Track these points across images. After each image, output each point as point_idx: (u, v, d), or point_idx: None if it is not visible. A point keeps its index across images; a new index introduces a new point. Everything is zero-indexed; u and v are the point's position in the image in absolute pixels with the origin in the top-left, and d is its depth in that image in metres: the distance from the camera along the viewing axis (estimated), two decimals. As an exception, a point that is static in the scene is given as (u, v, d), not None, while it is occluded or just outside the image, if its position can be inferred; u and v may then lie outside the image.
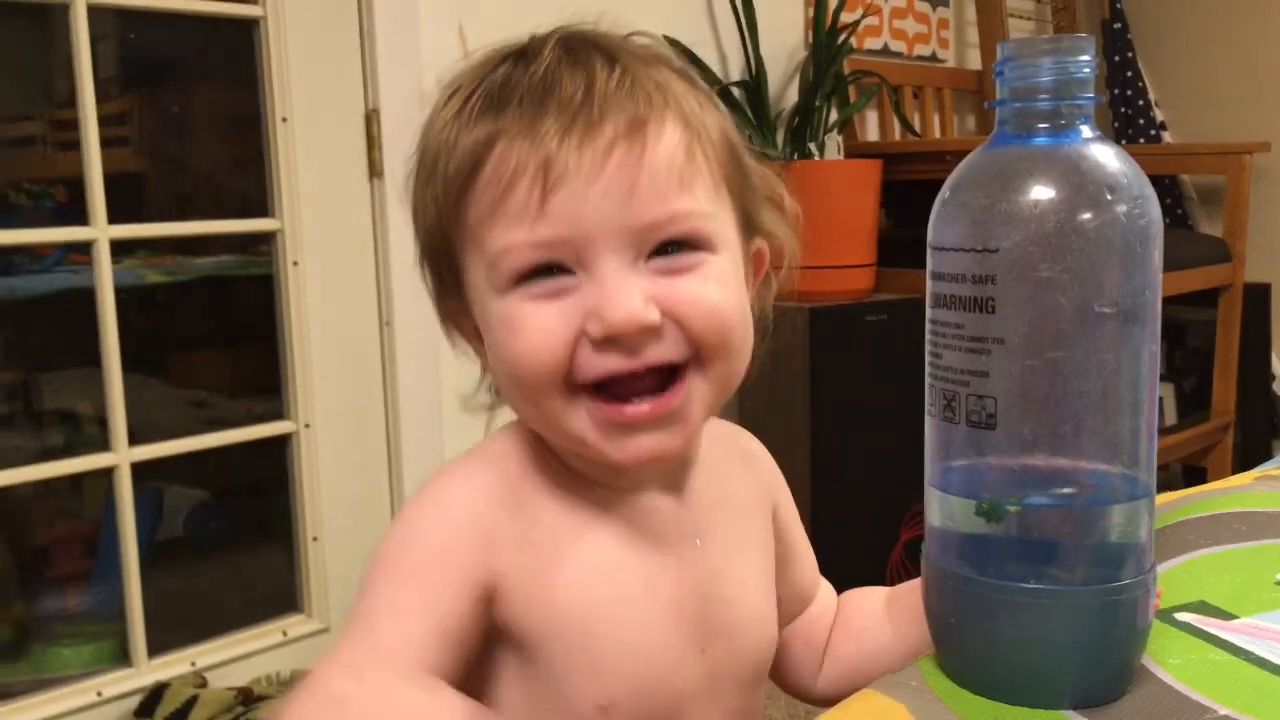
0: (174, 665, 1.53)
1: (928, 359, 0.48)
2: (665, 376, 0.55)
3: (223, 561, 2.10)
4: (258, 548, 2.10)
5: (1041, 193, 0.44)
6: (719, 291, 0.55)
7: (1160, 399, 2.17)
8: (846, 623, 0.72)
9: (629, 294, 0.52)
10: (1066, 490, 0.44)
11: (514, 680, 0.57)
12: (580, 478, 0.60)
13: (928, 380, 0.48)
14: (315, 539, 1.66)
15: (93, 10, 1.42)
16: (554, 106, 0.53)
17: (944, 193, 0.48)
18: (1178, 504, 0.72)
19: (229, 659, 1.57)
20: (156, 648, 1.54)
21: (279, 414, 1.66)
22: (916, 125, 2.44)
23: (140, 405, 1.55)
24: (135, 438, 1.52)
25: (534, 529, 0.57)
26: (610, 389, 0.54)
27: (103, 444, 1.51)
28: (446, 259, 0.59)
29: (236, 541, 2.14)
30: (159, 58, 1.99)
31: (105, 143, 1.46)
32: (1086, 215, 0.43)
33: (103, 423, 1.80)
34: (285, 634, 1.63)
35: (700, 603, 0.61)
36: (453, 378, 0.68)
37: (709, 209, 0.56)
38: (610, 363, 0.53)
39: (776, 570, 0.69)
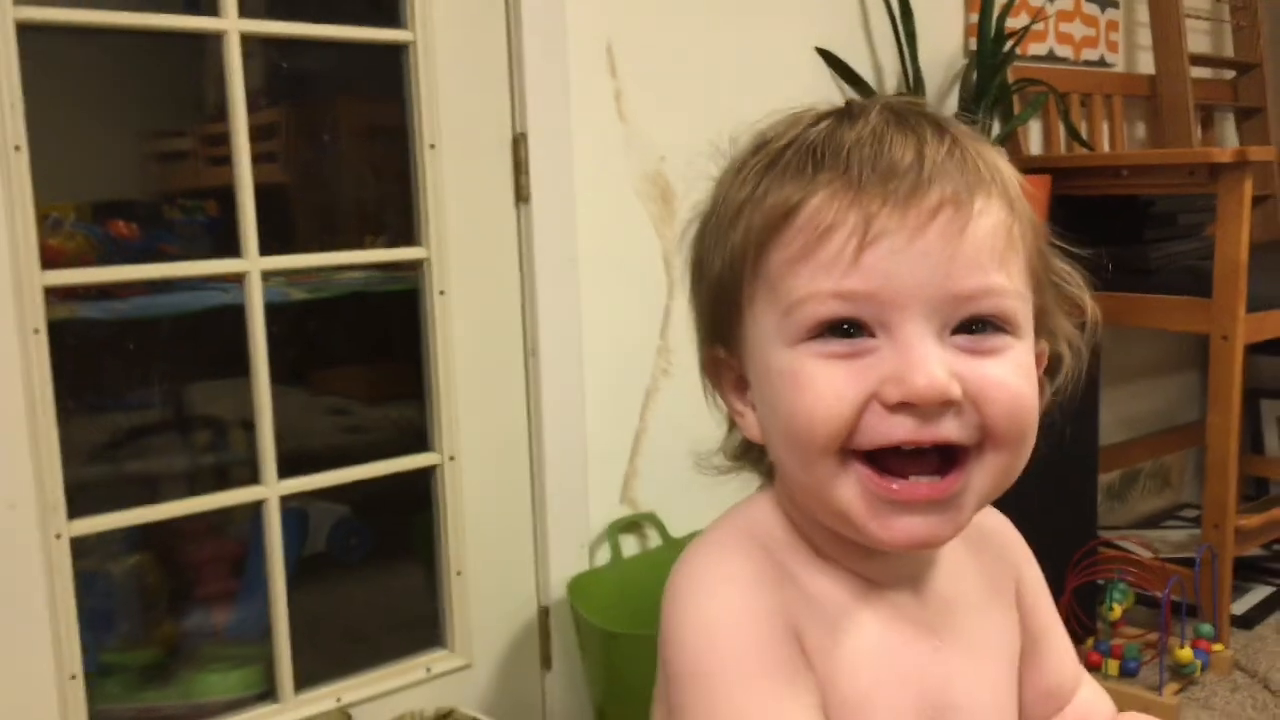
0: (320, 701, 1.51)
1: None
2: (945, 461, 0.52)
3: (364, 580, 2.10)
4: (398, 567, 2.09)
5: None
6: (1022, 380, 0.53)
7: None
8: None
9: (933, 361, 0.51)
10: None
11: None
12: (832, 565, 0.57)
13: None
14: (459, 573, 1.62)
15: (245, 38, 1.41)
16: (883, 166, 0.52)
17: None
18: None
19: (373, 695, 1.55)
20: (302, 680, 1.52)
21: (421, 435, 1.63)
22: (1083, 135, 2.29)
23: (282, 412, 1.55)
24: (278, 443, 1.52)
25: (808, 605, 0.55)
26: (886, 463, 0.52)
27: (249, 459, 1.50)
28: (729, 306, 0.57)
29: (377, 559, 2.14)
30: (308, 82, 1.99)
31: (254, 163, 1.46)
32: None
33: (248, 427, 1.81)
34: (429, 670, 1.60)
35: (937, 709, 0.57)
36: (597, 411, 0.68)
37: (1023, 291, 0.55)
38: (898, 431, 0.51)
39: (1021, 662, 0.64)
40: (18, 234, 1.24)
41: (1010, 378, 0.52)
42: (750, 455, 0.64)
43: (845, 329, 0.52)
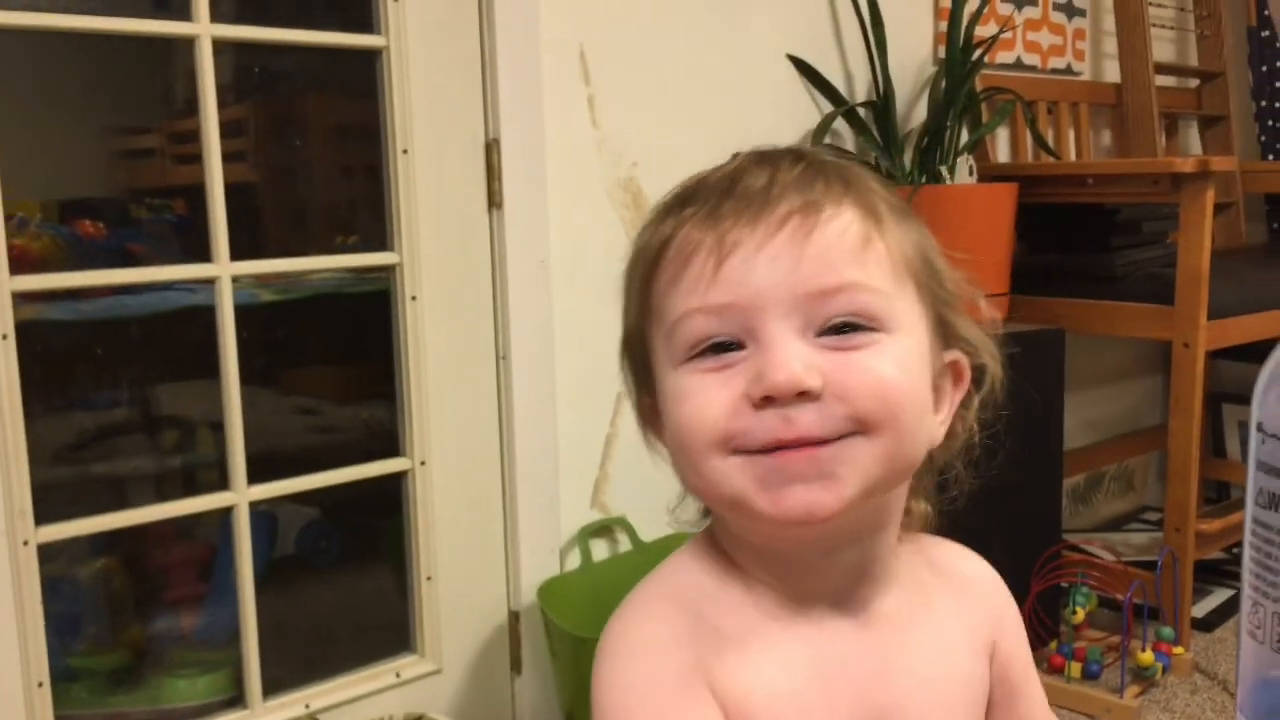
0: (288, 707, 1.51)
1: (1248, 568, 0.40)
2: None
3: (333, 583, 2.09)
4: (368, 571, 2.09)
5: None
6: (890, 367, 0.54)
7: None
8: None
9: (790, 357, 0.53)
10: None
11: None
12: (761, 591, 0.59)
13: (1246, 592, 0.40)
14: (429, 578, 1.62)
15: (216, 43, 1.40)
16: (736, 193, 0.56)
17: (1278, 359, 0.40)
18: None
19: (343, 700, 1.54)
20: (270, 686, 1.52)
21: (392, 438, 1.63)
22: (1050, 143, 2.31)
23: (252, 414, 1.54)
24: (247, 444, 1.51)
25: (722, 656, 0.57)
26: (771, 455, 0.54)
27: (218, 462, 1.50)
28: (641, 349, 0.61)
29: (346, 562, 2.13)
30: (279, 84, 1.98)
31: (224, 163, 1.45)
32: None
33: (216, 434, 1.80)
34: (399, 675, 1.60)
35: None
36: (568, 415, 0.71)
37: (885, 288, 0.56)
38: (768, 428, 0.53)
39: (998, 712, 0.65)
40: (-15, 239, 1.23)
41: (875, 364, 0.54)
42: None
43: (719, 346, 0.55)
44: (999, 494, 1.87)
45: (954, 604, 0.65)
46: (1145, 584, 1.89)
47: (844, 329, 0.54)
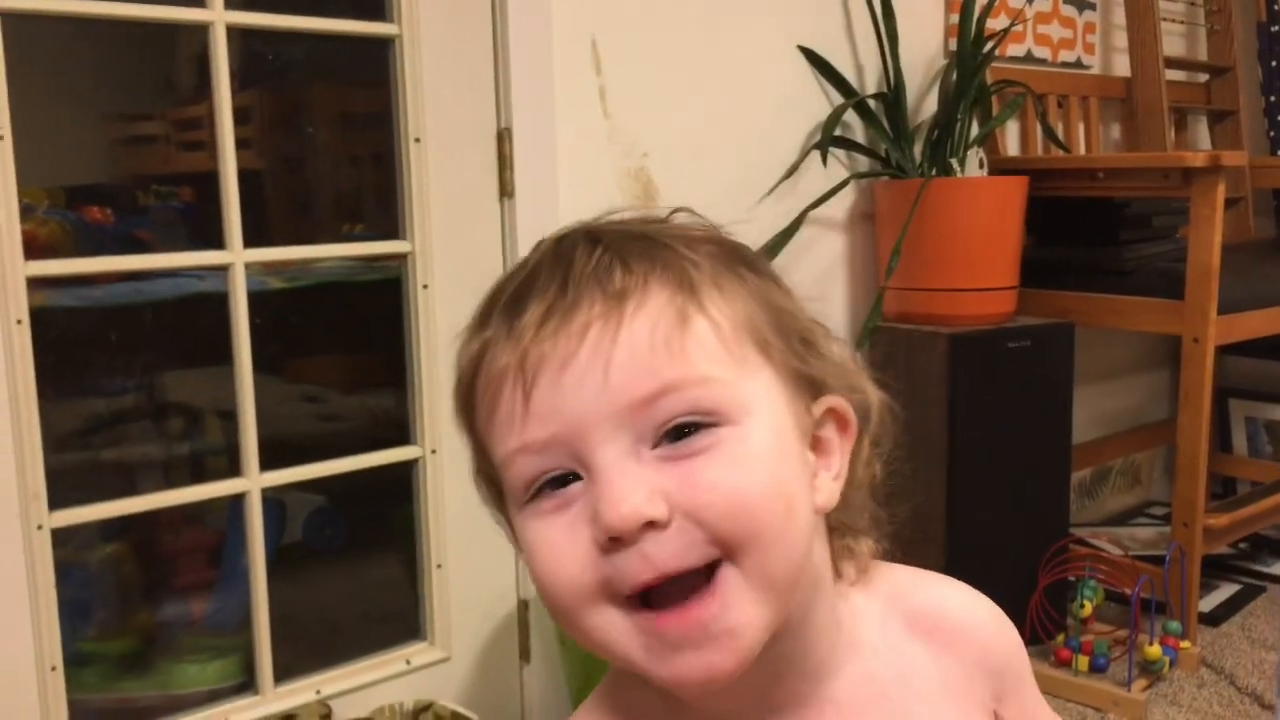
0: (300, 693, 1.51)
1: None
2: (705, 581, 0.48)
3: (340, 570, 2.10)
4: (375, 558, 2.09)
5: None
6: (740, 473, 0.48)
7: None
8: None
9: (625, 486, 0.47)
10: None
11: None
12: (690, 716, 0.54)
13: None
14: (439, 566, 1.63)
15: (230, 29, 1.40)
16: (531, 301, 0.50)
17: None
18: None
19: (353, 687, 1.55)
20: (282, 672, 1.52)
21: (402, 422, 1.63)
22: (1060, 136, 2.31)
23: (261, 401, 1.55)
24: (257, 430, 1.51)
25: None
26: (653, 598, 0.49)
27: (227, 449, 1.50)
28: (491, 480, 0.55)
29: (353, 550, 2.14)
30: (290, 71, 1.98)
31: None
32: None
33: (225, 421, 1.80)
34: (409, 662, 1.61)
35: None
36: None
37: (717, 375, 0.49)
38: (627, 572, 0.47)
39: None
40: (0, 223, 1.23)
41: (723, 476, 0.48)
42: None
43: (555, 481, 0.50)
44: (1009, 487, 1.88)
45: (936, 664, 0.58)
46: (1153, 578, 1.90)
47: (682, 432, 0.48)
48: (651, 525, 0.47)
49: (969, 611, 0.60)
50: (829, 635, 0.55)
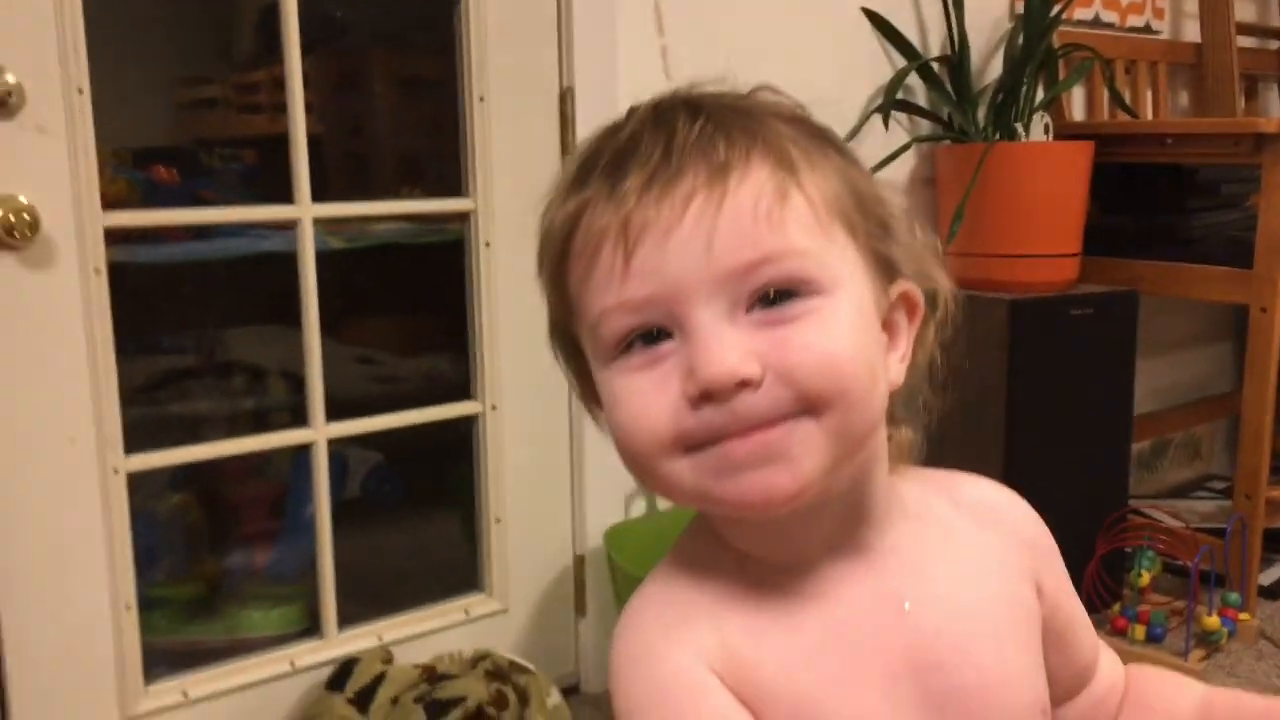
0: (362, 639, 1.55)
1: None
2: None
3: (397, 526, 2.15)
4: (432, 515, 2.13)
5: None
6: (831, 338, 0.51)
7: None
8: (1145, 713, 0.65)
9: (723, 346, 0.50)
10: None
11: None
12: (755, 564, 0.57)
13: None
14: (498, 520, 1.66)
15: (300, -12, 1.42)
16: (634, 167, 0.52)
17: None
18: None
19: (414, 634, 1.58)
20: (344, 618, 1.56)
21: (458, 382, 1.65)
22: (1127, 102, 2.27)
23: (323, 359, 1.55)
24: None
25: (725, 641, 0.55)
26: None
27: (289, 404, 1.53)
28: (569, 338, 0.58)
29: (410, 506, 2.18)
30: (356, 30, 2.00)
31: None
32: None
33: (286, 377, 1.83)
34: (467, 613, 1.64)
35: (916, 673, 0.56)
36: None
37: (812, 247, 0.52)
38: (712, 426, 0.50)
39: (1055, 648, 0.63)
40: (80, 175, 1.27)
41: (816, 339, 0.50)
42: None
43: (647, 337, 0.52)
44: (1069, 456, 1.87)
45: (980, 534, 0.62)
46: (1213, 549, 1.88)
47: (776, 299, 0.51)
48: (744, 384, 0.49)
49: (1003, 496, 0.66)
50: (885, 496, 0.59)
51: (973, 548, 0.61)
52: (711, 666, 0.54)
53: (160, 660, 1.46)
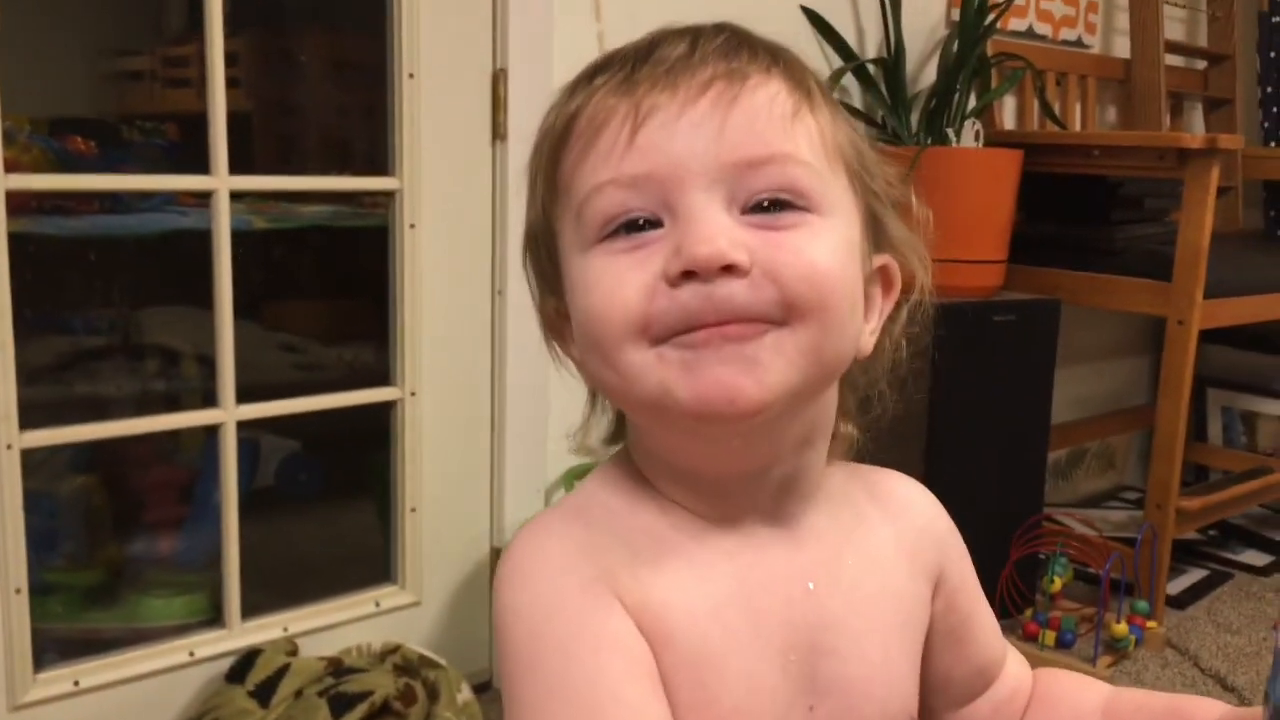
0: (267, 629, 1.50)
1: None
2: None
3: (312, 516, 2.09)
4: (347, 505, 2.08)
5: None
6: (821, 251, 0.50)
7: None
8: (1050, 713, 0.64)
9: (715, 229, 0.48)
10: None
11: None
12: (679, 513, 0.55)
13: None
14: (414, 510, 1.62)
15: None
16: (654, 60, 0.52)
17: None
18: None
19: (321, 626, 1.54)
20: (249, 608, 1.51)
21: (382, 371, 1.61)
22: (1057, 113, 2.30)
23: (239, 342, 1.49)
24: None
25: (633, 569, 0.53)
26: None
27: (201, 388, 1.48)
28: (546, 242, 0.56)
29: (326, 496, 2.12)
30: (290, 6, 1.94)
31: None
32: None
33: (201, 360, 1.76)
34: (378, 604, 1.60)
35: (808, 653, 0.55)
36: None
37: (816, 165, 0.52)
38: (687, 308, 0.48)
39: (949, 645, 0.63)
40: (-21, 135, 1.20)
41: (806, 246, 0.50)
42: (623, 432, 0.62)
43: (633, 224, 0.50)
44: (987, 461, 1.88)
45: (891, 527, 0.62)
46: (1123, 557, 1.91)
47: (772, 207, 0.50)
48: (729, 270, 0.48)
49: (916, 491, 0.66)
50: (819, 475, 0.59)
51: (882, 540, 0.61)
52: (617, 593, 0.52)
53: (52, 647, 1.40)
